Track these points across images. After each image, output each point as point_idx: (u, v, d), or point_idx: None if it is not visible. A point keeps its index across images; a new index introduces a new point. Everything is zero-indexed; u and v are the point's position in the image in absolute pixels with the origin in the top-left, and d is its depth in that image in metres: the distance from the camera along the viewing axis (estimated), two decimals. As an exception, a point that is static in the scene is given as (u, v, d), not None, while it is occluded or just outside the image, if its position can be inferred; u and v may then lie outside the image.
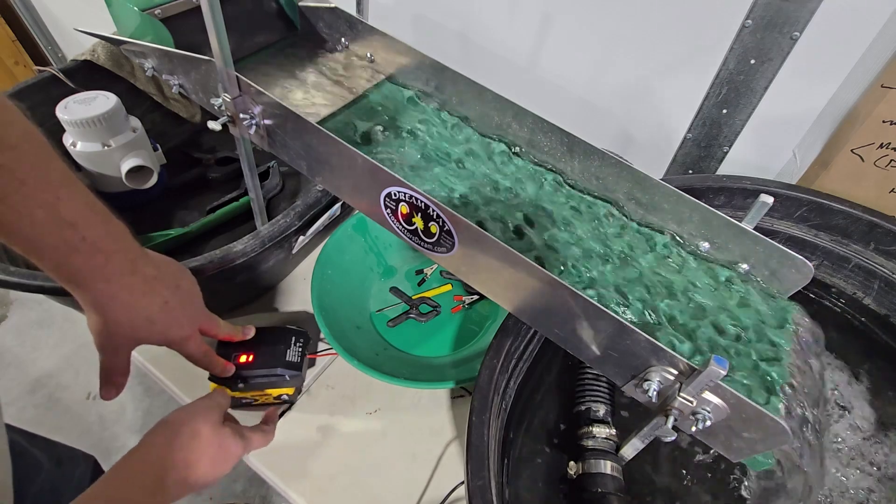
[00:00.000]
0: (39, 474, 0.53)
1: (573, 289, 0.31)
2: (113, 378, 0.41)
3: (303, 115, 0.38)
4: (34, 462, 0.54)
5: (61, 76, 0.66)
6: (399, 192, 0.37)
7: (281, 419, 0.56)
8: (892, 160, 0.53)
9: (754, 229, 0.38)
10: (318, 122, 0.39)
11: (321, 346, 0.61)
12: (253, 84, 0.40)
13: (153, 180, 0.67)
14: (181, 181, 0.75)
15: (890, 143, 0.52)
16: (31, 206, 0.33)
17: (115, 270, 0.37)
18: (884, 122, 0.51)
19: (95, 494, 0.34)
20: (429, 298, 0.66)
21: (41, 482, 0.53)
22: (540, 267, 0.32)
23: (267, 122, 0.42)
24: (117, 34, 0.50)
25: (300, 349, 0.54)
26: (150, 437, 0.38)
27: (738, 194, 0.54)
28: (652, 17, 0.59)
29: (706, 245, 0.41)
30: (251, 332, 0.51)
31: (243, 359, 0.51)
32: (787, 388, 0.34)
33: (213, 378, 0.51)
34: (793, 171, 0.61)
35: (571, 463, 0.44)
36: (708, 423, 0.31)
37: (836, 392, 0.50)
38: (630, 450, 0.40)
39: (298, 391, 0.56)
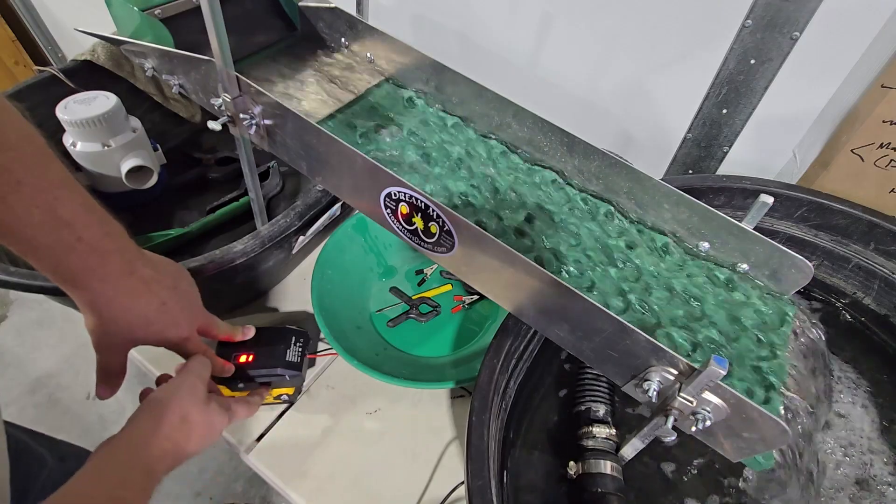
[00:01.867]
0: (43, 471, 0.53)
1: (573, 289, 0.31)
2: (110, 378, 0.41)
3: (303, 115, 0.38)
4: (38, 459, 0.54)
5: (61, 76, 0.66)
6: (399, 192, 0.37)
7: (281, 419, 0.56)
8: (892, 160, 0.53)
9: (754, 229, 0.38)
10: (318, 122, 0.39)
11: (321, 346, 0.61)
12: (253, 84, 0.40)
13: (153, 180, 0.67)
14: (181, 181, 0.75)
15: (890, 143, 0.52)
16: (29, 207, 0.33)
17: (111, 271, 0.37)
18: (884, 122, 0.51)
19: (80, 489, 0.32)
20: (429, 298, 0.66)
21: (45, 479, 0.53)
22: (540, 267, 0.32)
23: (267, 122, 0.42)
24: (117, 34, 0.50)
25: (300, 349, 0.54)
26: (137, 423, 0.37)
27: (738, 194, 0.54)
28: (652, 16, 0.59)
29: (706, 245, 0.41)
30: (251, 332, 0.51)
31: (243, 359, 0.51)
32: (786, 387, 0.34)
33: (212, 378, 0.50)
34: (793, 171, 0.61)
35: (571, 463, 0.44)
36: (708, 423, 0.31)
37: (835, 392, 0.50)
38: (630, 450, 0.40)
39: (298, 391, 0.56)
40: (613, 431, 0.45)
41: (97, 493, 0.32)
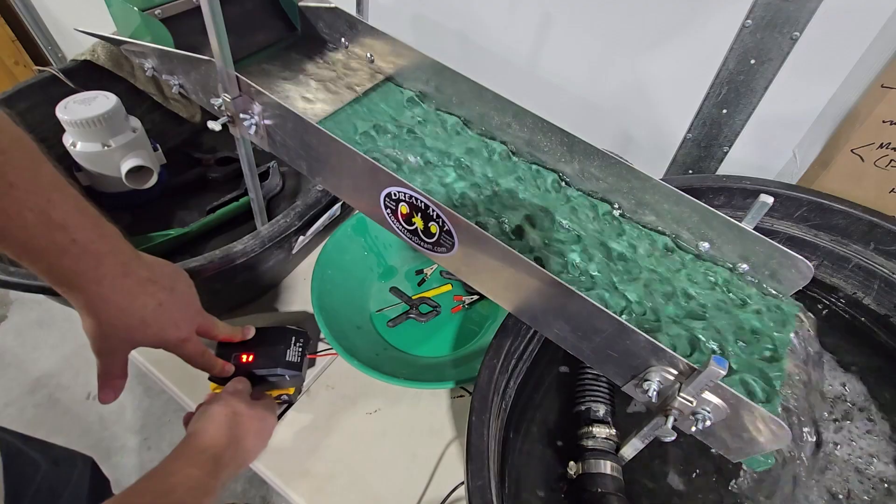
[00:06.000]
0: (37, 475, 0.53)
1: (573, 289, 0.31)
2: (110, 381, 0.41)
3: (303, 115, 0.38)
4: (31, 463, 0.54)
5: (61, 76, 0.66)
6: (399, 192, 0.37)
7: (281, 419, 0.56)
8: (892, 160, 0.53)
9: (754, 229, 0.38)
10: (318, 123, 0.39)
11: (321, 346, 0.61)
12: (253, 84, 0.40)
13: (153, 180, 0.67)
14: (181, 181, 0.75)
15: (890, 143, 0.52)
16: (22, 210, 0.33)
17: (106, 272, 0.37)
18: (884, 122, 0.51)
19: (155, 482, 0.36)
20: (429, 298, 0.66)
21: (39, 483, 0.53)
22: (540, 267, 0.32)
23: (267, 122, 0.42)
24: (117, 34, 0.50)
25: (300, 349, 0.54)
26: (192, 427, 0.42)
27: (738, 194, 0.54)
28: (652, 17, 0.59)
29: (706, 245, 0.41)
30: (251, 333, 0.51)
31: (243, 359, 0.51)
32: (786, 387, 0.34)
33: (212, 378, 0.50)
34: (793, 171, 0.61)
35: (571, 463, 0.44)
36: (708, 423, 0.31)
37: (835, 391, 0.50)
38: (630, 450, 0.40)
39: (298, 391, 0.56)
40: (613, 431, 0.45)
41: (168, 479, 0.37)
